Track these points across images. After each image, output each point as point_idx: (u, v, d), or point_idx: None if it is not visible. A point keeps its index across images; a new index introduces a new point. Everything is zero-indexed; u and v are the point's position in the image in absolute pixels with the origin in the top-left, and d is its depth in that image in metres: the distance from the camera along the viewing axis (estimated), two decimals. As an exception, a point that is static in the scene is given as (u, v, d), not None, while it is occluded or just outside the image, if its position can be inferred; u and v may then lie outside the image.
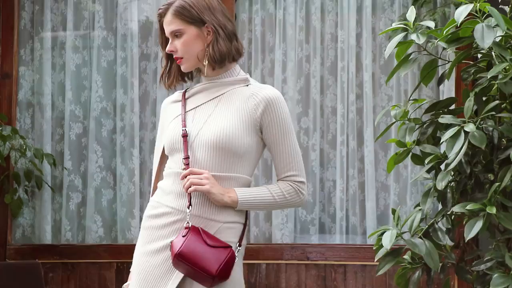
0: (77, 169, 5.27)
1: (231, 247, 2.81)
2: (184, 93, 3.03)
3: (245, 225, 2.92)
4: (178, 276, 2.83)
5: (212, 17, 2.93)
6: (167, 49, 2.95)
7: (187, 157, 2.86)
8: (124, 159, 5.24)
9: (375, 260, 2.84)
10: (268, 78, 5.14)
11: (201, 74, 3.01)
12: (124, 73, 5.29)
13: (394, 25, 2.90)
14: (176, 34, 2.93)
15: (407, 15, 2.88)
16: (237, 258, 2.83)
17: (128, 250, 5.15)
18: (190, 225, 2.80)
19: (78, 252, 5.15)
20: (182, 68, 2.96)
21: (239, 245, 2.87)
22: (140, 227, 5.03)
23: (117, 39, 5.32)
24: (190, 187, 2.82)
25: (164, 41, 3.00)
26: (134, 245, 5.04)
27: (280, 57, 5.14)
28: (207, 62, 2.93)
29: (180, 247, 2.75)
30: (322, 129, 5.16)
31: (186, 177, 2.84)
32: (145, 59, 5.33)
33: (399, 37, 2.85)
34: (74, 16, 5.34)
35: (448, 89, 4.84)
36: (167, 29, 2.94)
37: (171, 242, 2.80)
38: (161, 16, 2.96)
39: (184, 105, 2.98)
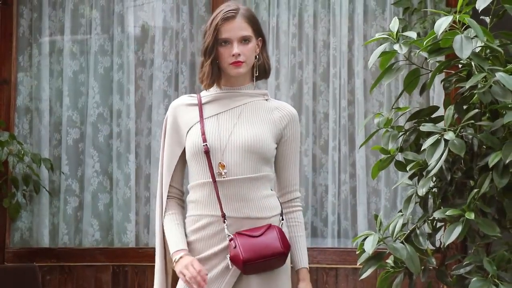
0: (74, 173, 5.34)
1: (270, 224, 3.03)
2: (200, 99, 3.13)
3: (282, 209, 3.13)
4: (232, 277, 2.99)
5: (262, 32, 3.14)
6: (235, 51, 3.02)
7: (222, 164, 3.02)
8: (120, 164, 5.31)
9: (358, 264, 2.92)
10: (261, 84, 5.20)
11: (221, 82, 3.12)
12: (120, 79, 5.36)
13: (377, 36, 2.97)
14: (245, 40, 3.05)
15: (390, 26, 2.95)
16: (283, 228, 3.07)
17: (124, 253, 5.24)
18: (231, 236, 2.98)
19: (75, 255, 5.22)
20: (238, 71, 3.06)
21: (282, 219, 3.09)
22: (135, 231, 5.12)
23: (113, 45, 5.39)
24: None
25: (216, 44, 3.05)
26: (130, 248, 5.17)
27: (274, 63, 5.21)
28: (257, 72, 3.12)
29: (242, 256, 2.93)
30: (315, 134, 5.23)
31: None
32: (141, 65, 5.39)
33: (382, 47, 2.93)
34: (72, 23, 5.40)
35: (437, 96, 4.91)
36: (238, 33, 3.03)
37: (229, 259, 2.96)
38: (227, 20, 3.04)
39: (201, 110, 3.10)
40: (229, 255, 2.97)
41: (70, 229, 5.30)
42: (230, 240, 2.97)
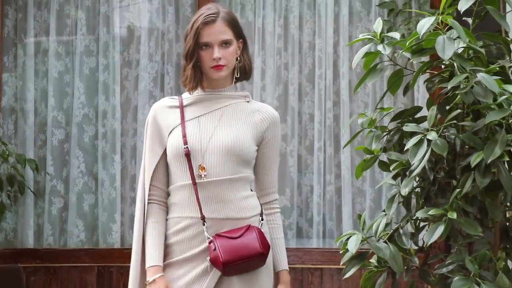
0: (59, 174, 5.34)
1: (250, 225, 3.05)
2: (181, 101, 3.15)
3: (262, 209, 3.16)
4: (213, 278, 3.01)
5: (243, 34, 3.16)
6: (215, 55, 3.04)
7: (202, 167, 3.03)
8: (105, 164, 5.31)
9: (341, 263, 2.93)
10: (247, 86, 5.22)
11: (204, 85, 3.13)
12: (106, 80, 5.36)
13: (361, 36, 2.99)
14: (226, 44, 3.06)
15: (374, 26, 2.97)
16: (262, 228, 3.08)
17: (109, 254, 5.23)
18: (210, 238, 3.00)
19: (60, 256, 5.21)
20: (219, 75, 3.08)
21: (262, 219, 3.11)
22: (120, 232, 5.11)
23: (99, 46, 5.39)
24: None
25: (197, 47, 3.07)
26: (115, 249, 5.16)
27: (259, 64, 5.23)
28: (238, 74, 3.13)
29: (221, 258, 2.95)
30: (300, 135, 5.25)
31: None
32: (126, 66, 5.40)
33: (366, 47, 2.94)
34: (57, 24, 5.40)
35: (422, 97, 4.93)
36: (218, 37, 3.05)
37: (209, 261, 2.98)
38: (207, 24, 3.05)
39: (183, 112, 3.11)
40: (209, 257, 2.98)
41: (55, 230, 5.30)
42: (210, 242, 2.99)
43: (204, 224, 3.01)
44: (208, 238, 3.00)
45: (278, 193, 5.09)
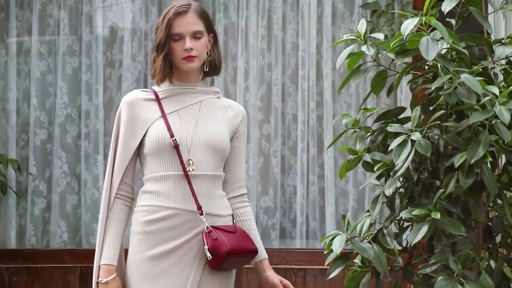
0: (41, 174, 5.32)
1: (236, 225, 3.14)
2: (156, 94, 3.14)
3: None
4: (196, 274, 3.02)
5: (214, 28, 3.18)
6: (187, 46, 3.05)
7: (189, 160, 3.05)
8: (88, 165, 5.29)
9: (326, 264, 2.94)
10: (231, 86, 5.23)
11: (173, 78, 3.14)
12: (89, 80, 5.34)
13: (345, 37, 3.00)
14: (197, 35, 3.08)
15: (358, 27, 2.98)
16: None
17: (92, 255, 5.16)
18: (210, 228, 3.01)
19: (43, 256, 5.20)
20: (190, 66, 3.09)
21: (234, 221, 3.16)
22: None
23: (82, 46, 5.38)
24: None
25: (169, 39, 3.07)
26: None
27: (243, 65, 5.23)
28: (208, 68, 3.15)
29: (227, 247, 2.97)
30: (283, 135, 5.25)
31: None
32: (109, 66, 5.39)
33: (350, 48, 2.95)
34: (39, 23, 5.38)
35: (405, 98, 4.95)
36: (190, 28, 3.07)
37: (208, 250, 2.98)
38: (179, 14, 3.06)
39: (161, 105, 3.11)
40: (207, 246, 2.98)
41: (37, 230, 5.28)
42: (209, 232, 2.99)
43: (202, 214, 3.02)
44: (208, 227, 3.01)
45: (261, 193, 5.14)
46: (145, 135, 3.09)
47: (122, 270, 3.11)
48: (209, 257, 2.98)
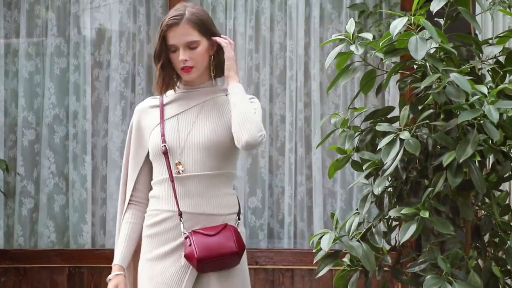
0: (29, 175, 5.31)
1: (226, 223, 3.06)
2: (161, 100, 3.16)
3: (239, 209, 3.16)
4: (191, 276, 3.01)
5: (215, 30, 3.13)
6: (180, 58, 3.04)
7: (178, 163, 3.05)
8: (76, 165, 5.29)
9: (314, 261, 2.95)
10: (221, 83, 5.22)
11: (181, 82, 3.14)
12: (76, 81, 5.33)
13: (334, 37, 3.01)
14: (192, 45, 3.06)
15: (346, 27, 2.99)
16: (239, 228, 3.09)
17: (80, 255, 5.21)
18: (186, 234, 3.01)
19: (30, 257, 5.18)
20: (189, 77, 3.09)
21: (238, 219, 3.13)
22: (91, 233, 5.10)
23: (70, 46, 5.37)
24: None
25: (164, 50, 3.07)
26: (86, 250, 5.15)
27: (231, 65, 5.22)
28: (214, 72, 3.13)
29: (196, 254, 2.96)
30: (271, 136, 5.26)
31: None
32: (97, 66, 5.38)
33: (339, 48, 2.96)
34: (27, 24, 5.37)
35: (393, 98, 4.97)
36: (182, 40, 3.04)
37: (184, 256, 2.99)
38: (171, 26, 3.05)
39: (162, 111, 3.13)
40: (183, 253, 3.00)
41: (25, 230, 5.27)
42: (186, 237, 3.00)
43: (180, 219, 3.02)
44: (184, 233, 3.01)
45: (249, 194, 5.14)
46: (149, 142, 3.14)
47: (131, 271, 3.17)
48: (183, 263, 3.01)
